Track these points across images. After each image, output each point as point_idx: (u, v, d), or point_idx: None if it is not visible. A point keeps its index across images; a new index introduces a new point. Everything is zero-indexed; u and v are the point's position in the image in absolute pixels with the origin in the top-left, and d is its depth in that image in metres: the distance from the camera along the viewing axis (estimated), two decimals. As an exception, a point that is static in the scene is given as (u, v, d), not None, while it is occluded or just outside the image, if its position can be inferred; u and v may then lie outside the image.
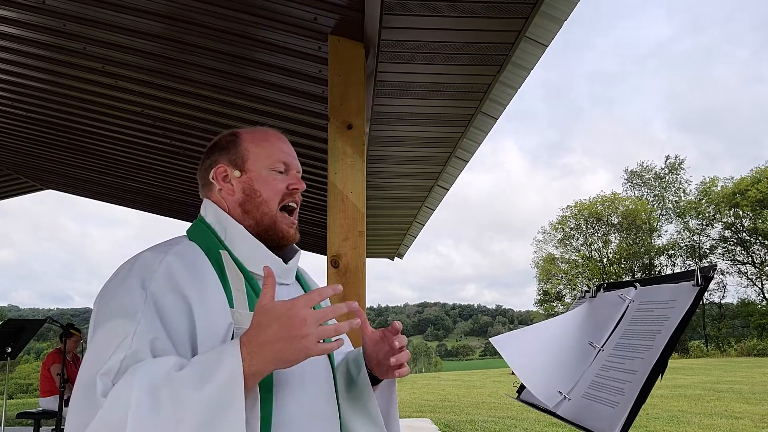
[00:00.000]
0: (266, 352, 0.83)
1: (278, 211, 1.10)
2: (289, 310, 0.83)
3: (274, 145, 1.15)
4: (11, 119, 4.88)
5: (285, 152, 1.15)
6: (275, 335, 0.82)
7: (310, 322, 0.83)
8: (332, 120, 2.45)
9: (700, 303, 1.07)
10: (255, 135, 1.16)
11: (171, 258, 0.98)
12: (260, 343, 0.83)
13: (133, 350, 0.86)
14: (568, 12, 2.44)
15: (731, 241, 39.26)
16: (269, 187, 1.10)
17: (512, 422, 8.75)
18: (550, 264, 44.32)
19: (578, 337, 1.35)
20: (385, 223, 6.25)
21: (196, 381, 0.81)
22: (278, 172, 1.13)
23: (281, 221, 1.10)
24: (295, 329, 0.82)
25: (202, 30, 2.83)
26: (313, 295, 0.86)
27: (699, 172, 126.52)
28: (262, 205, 1.10)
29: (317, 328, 0.83)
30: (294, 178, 1.14)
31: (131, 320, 0.89)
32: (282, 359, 0.83)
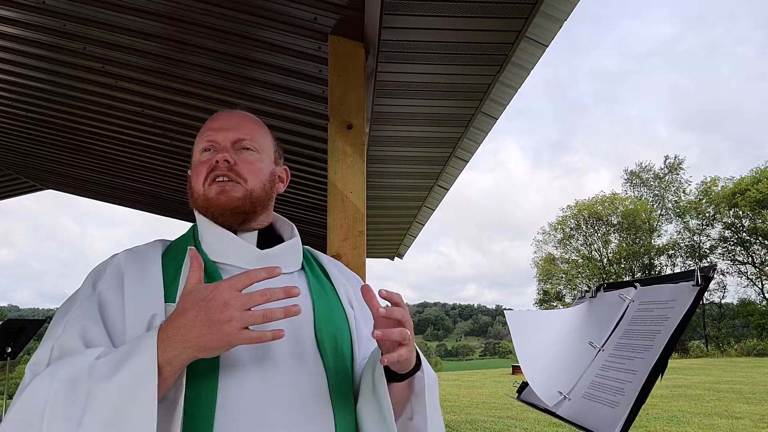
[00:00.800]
0: (183, 338, 0.76)
1: (206, 188, 1.03)
2: (211, 293, 0.77)
3: (205, 127, 1.10)
4: (11, 119, 4.88)
5: (211, 129, 1.07)
6: (193, 319, 0.76)
7: (233, 306, 0.76)
8: (332, 120, 2.45)
9: (700, 303, 1.07)
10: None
11: (121, 255, 1.00)
12: (177, 328, 0.77)
13: (61, 341, 0.85)
14: (568, 12, 2.44)
15: (731, 241, 39.28)
16: (195, 172, 1.06)
17: (512, 422, 8.75)
18: (550, 264, 44.33)
19: (579, 337, 1.35)
20: (385, 223, 6.25)
21: (109, 370, 0.77)
22: (205, 151, 1.06)
23: (210, 193, 1.02)
24: (214, 313, 0.76)
25: (202, 30, 2.83)
26: (240, 277, 0.79)
27: (703, 171, 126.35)
28: (193, 193, 1.05)
29: (242, 313, 0.76)
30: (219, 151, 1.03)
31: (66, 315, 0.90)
32: (202, 346, 0.76)
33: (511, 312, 1.38)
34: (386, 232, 6.65)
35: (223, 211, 1.02)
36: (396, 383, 0.97)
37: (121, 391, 0.75)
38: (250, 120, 1.12)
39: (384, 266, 17.17)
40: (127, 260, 0.98)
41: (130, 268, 0.96)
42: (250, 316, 0.77)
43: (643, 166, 45.67)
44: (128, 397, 0.75)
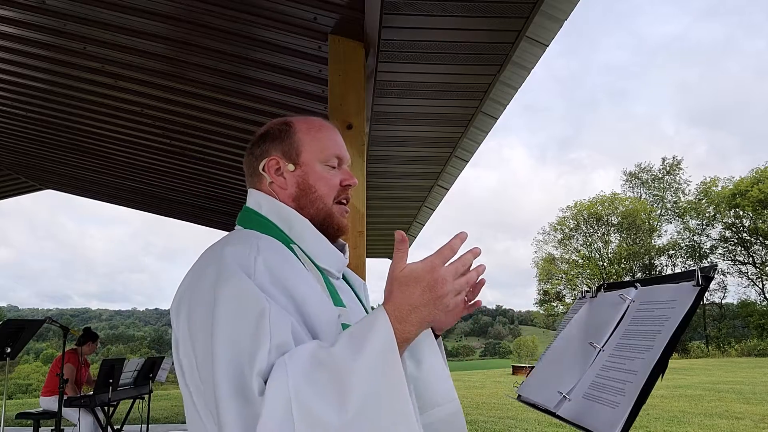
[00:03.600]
0: (416, 317, 0.82)
1: (333, 205, 1.09)
2: (430, 273, 0.82)
3: (329, 137, 1.11)
4: (11, 119, 4.88)
5: (339, 145, 1.13)
6: (421, 299, 0.81)
7: (449, 280, 0.82)
8: (332, 120, 2.45)
9: (701, 303, 1.07)
10: (310, 125, 1.11)
11: (265, 253, 0.92)
12: (409, 309, 0.82)
13: (276, 342, 0.82)
14: (568, 12, 2.44)
15: (731, 242, 39.28)
16: (324, 183, 1.07)
17: (512, 422, 8.75)
18: (550, 264, 44.34)
19: (579, 338, 1.34)
20: (385, 223, 6.25)
21: (350, 352, 0.78)
22: (331, 167, 1.10)
23: (336, 212, 1.09)
24: (438, 289, 0.81)
25: (203, 30, 2.83)
26: (445, 251, 0.84)
27: (711, 168, 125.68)
28: (318, 201, 1.07)
29: (453, 284, 0.83)
30: (347, 174, 1.12)
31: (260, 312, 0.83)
32: (428, 321, 0.83)
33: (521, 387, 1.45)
34: (386, 232, 6.65)
35: (341, 233, 1.11)
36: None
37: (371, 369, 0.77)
38: None
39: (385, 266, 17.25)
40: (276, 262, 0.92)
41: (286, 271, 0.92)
42: (461, 284, 0.84)
43: (642, 167, 45.72)
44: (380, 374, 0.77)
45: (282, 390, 0.75)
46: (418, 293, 0.82)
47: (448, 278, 0.82)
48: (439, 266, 0.83)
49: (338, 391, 0.75)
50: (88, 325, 6.78)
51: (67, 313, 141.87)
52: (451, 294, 0.83)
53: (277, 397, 0.75)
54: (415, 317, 0.82)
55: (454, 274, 0.83)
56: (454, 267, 0.84)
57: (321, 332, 0.90)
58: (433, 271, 0.82)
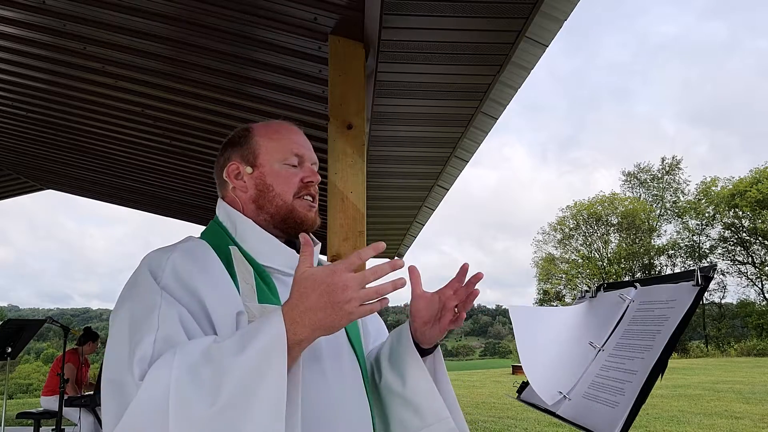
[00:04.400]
0: (309, 320, 0.81)
1: (294, 200, 1.09)
2: (330, 276, 0.82)
3: (286, 137, 1.13)
4: (11, 119, 4.88)
5: (298, 144, 1.13)
6: (317, 302, 0.81)
7: (352, 287, 0.81)
8: (332, 120, 2.45)
9: (700, 303, 1.07)
10: (267, 128, 1.15)
11: (176, 255, 0.99)
12: (302, 311, 0.82)
13: (162, 333, 0.86)
14: (568, 12, 2.44)
15: (731, 241, 39.28)
16: (282, 181, 1.09)
17: (512, 422, 8.76)
18: (549, 264, 44.34)
19: (578, 337, 1.35)
20: (385, 223, 6.25)
21: (236, 348, 0.80)
22: (291, 166, 1.10)
23: (298, 207, 1.09)
24: (337, 295, 0.81)
25: (203, 30, 2.83)
26: (352, 259, 0.84)
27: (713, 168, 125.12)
28: (276, 199, 1.08)
29: (359, 292, 0.82)
30: (308, 171, 1.11)
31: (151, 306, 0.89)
32: (325, 326, 0.82)
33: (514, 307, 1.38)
34: (386, 232, 6.66)
35: (306, 227, 1.09)
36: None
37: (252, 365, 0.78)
38: None
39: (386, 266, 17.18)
40: (185, 263, 0.97)
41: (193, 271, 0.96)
42: (366, 294, 0.82)
43: (641, 167, 45.72)
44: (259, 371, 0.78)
45: (163, 379, 0.78)
46: (314, 296, 0.81)
47: (350, 285, 0.81)
48: (340, 271, 0.82)
49: (215, 385, 0.77)
50: (88, 325, 6.79)
51: (68, 312, 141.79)
52: (355, 301, 0.81)
53: (157, 385, 0.78)
54: (309, 320, 0.81)
55: (360, 282, 0.82)
56: (362, 275, 0.83)
57: (219, 328, 0.92)
58: (333, 275, 0.82)
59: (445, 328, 1.07)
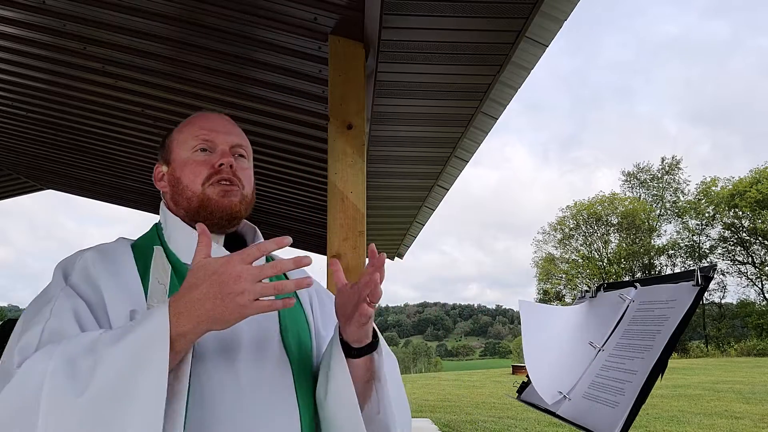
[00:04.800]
0: (195, 311, 0.77)
1: (206, 188, 1.02)
2: (222, 266, 0.78)
3: (196, 125, 1.08)
4: (11, 119, 4.88)
5: (206, 129, 1.06)
6: (206, 293, 0.77)
7: (245, 278, 0.77)
8: (332, 120, 2.45)
9: (700, 303, 1.07)
10: (182, 123, 1.12)
11: (89, 254, 0.99)
12: (189, 302, 0.78)
13: (52, 324, 0.85)
14: (568, 12, 2.44)
15: (731, 241, 39.29)
16: (189, 170, 1.04)
17: (512, 422, 8.76)
18: (550, 264, 44.35)
19: (579, 337, 1.35)
20: (385, 223, 6.25)
21: (115, 338, 0.78)
22: (200, 151, 1.05)
23: (210, 194, 1.02)
24: (228, 286, 0.76)
25: (203, 30, 2.83)
26: (251, 250, 0.79)
27: (714, 167, 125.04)
28: (185, 191, 1.03)
29: (254, 285, 0.77)
30: (220, 153, 1.04)
31: (50, 300, 0.90)
32: (215, 318, 0.77)
33: (524, 302, 1.38)
34: (386, 232, 6.65)
35: (223, 214, 1.02)
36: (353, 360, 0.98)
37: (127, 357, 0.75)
38: (238, 127, 1.14)
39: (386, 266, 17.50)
40: (95, 260, 0.97)
41: (101, 268, 0.96)
42: (263, 288, 0.78)
43: (641, 167, 45.73)
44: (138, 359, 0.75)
45: (39, 367, 0.76)
46: (204, 286, 0.78)
47: (244, 276, 0.77)
48: (235, 262, 0.78)
49: (88, 375, 0.75)
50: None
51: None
52: (248, 294, 0.77)
53: (32, 373, 0.76)
54: (195, 311, 0.77)
55: (255, 274, 0.78)
56: (258, 267, 0.79)
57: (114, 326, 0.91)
58: (226, 264, 0.78)
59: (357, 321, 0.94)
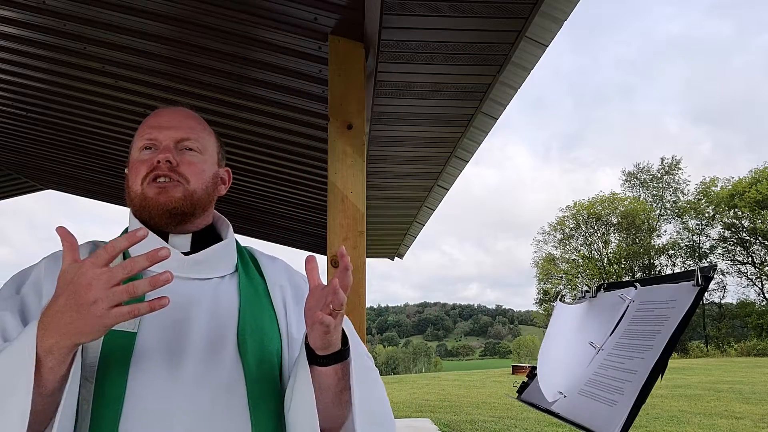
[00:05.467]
0: (57, 325, 0.73)
1: (144, 186, 0.99)
2: (75, 274, 0.73)
3: (145, 123, 1.05)
4: (11, 119, 4.88)
5: (151, 126, 1.03)
6: (63, 305, 0.72)
7: (96, 286, 0.71)
8: (332, 120, 2.45)
9: (700, 303, 1.07)
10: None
11: (43, 263, 0.99)
12: (51, 315, 0.74)
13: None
14: (568, 12, 2.44)
15: (731, 241, 39.29)
16: (133, 170, 1.02)
17: (512, 422, 8.76)
18: (549, 264, 44.35)
19: (579, 338, 1.35)
20: (385, 223, 6.25)
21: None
22: (145, 149, 1.02)
23: (147, 192, 0.98)
24: (80, 296, 0.71)
25: (202, 30, 2.83)
26: (99, 252, 0.73)
27: (716, 167, 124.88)
28: (130, 192, 1.01)
29: (106, 292, 0.71)
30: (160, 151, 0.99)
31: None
32: (76, 332, 0.72)
33: (559, 304, 1.39)
34: (386, 232, 6.65)
35: (161, 212, 0.98)
36: (320, 368, 0.90)
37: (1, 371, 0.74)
38: (193, 118, 1.09)
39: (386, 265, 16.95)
40: (47, 266, 0.97)
41: (50, 275, 0.95)
42: (115, 294, 0.72)
43: (641, 167, 45.74)
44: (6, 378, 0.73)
45: None
46: (63, 297, 0.73)
47: (95, 284, 0.71)
48: (86, 268, 0.72)
49: None
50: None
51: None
52: (102, 303, 0.71)
53: None
54: (57, 324, 0.73)
55: (106, 280, 0.72)
56: (109, 271, 0.72)
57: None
58: (77, 272, 0.73)
59: (317, 329, 0.85)
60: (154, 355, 0.89)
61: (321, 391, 0.90)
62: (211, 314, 0.96)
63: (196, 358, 0.91)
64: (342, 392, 0.92)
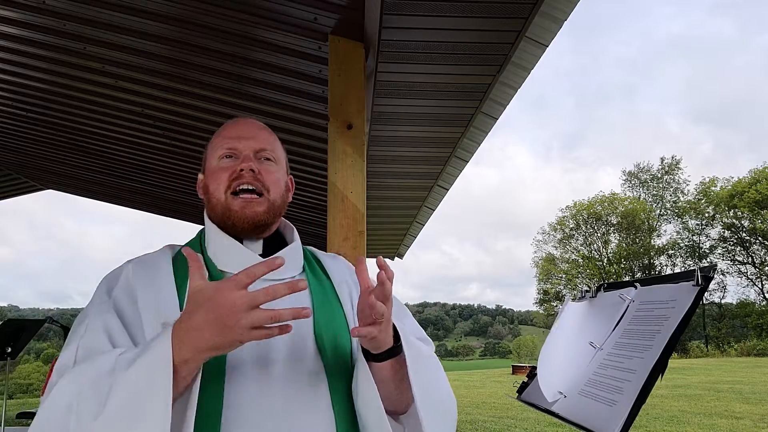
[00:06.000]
0: (193, 340, 0.77)
1: (228, 196, 1.04)
2: (215, 294, 0.77)
3: (222, 133, 1.11)
4: (11, 119, 4.88)
5: (230, 136, 1.08)
6: (202, 322, 0.76)
7: (239, 308, 0.75)
8: (332, 120, 2.45)
9: (700, 303, 1.07)
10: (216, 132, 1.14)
11: (129, 267, 1.02)
12: (187, 330, 0.78)
13: (84, 342, 0.88)
14: (568, 12, 2.44)
15: (731, 241, 39.27)
16: (214, 178, 1.06)
17: (512, 422, 8.76)
18: (550, 264, 44.34)
19: (579, 338, 1.35)
20: (385, 223, 6.25)
21: (128, 362, 0.80)
22: (226, 158, 1.07)
23: (231, 204, 1.03)
24: (222, 315, 0.75)
25: (203, 30, 2.83)
26: (240, 276, 0.77)
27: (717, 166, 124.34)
28: (212, 199, 1.06)
29: (249, 314, 0.76)
30: (241, 159, 1.05)
31: (86, 316, 0.93)
32: (214, 346, 0.77)
33: (569, 303, 1.39)
34: (386, 232, 6.65)
35: (246, 224, 1.04)
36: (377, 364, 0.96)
37: (136, 383, 0.77)
38: (266, 130, 1.15)
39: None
40: (135, 272, 1.00)
41: (140, 280, 0.99)
42: (259, 317, 0.76)
43: (641, 166, 45.74)
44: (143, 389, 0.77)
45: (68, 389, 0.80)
46: (201, 314, 0.77)
47: (238, 305, 0.75)
48: (228, 290, 0.76)
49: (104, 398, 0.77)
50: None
51: (68, 312, 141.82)
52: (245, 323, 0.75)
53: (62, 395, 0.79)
54: (194, 339, 0.77)
55: (248, 302, 0.76)
56: (252, 295, 0.76)
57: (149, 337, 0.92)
58: (218, 293, 0.76)
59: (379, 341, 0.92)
60: (245, 359, 0.94)
61: (382, 383, 0.95)
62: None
63: (281, 358, 0.97)
64: (401, 381, 0.98)
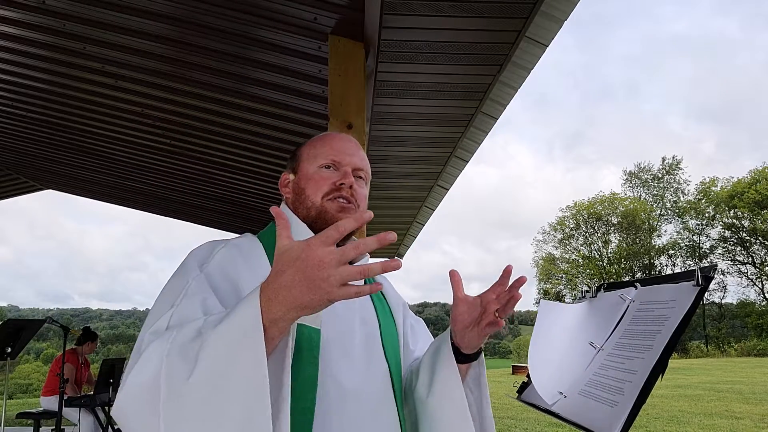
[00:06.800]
0: (283, 298, 0.77)
1: (325, 201, 1.10)
2: (303, 252, 0.76)
3: (326, 144, 1.17)
4: (11, 119, 4.88)
5: (335, 150, 1.15)
6: (291, 279, 0.76)
7: (328, 263, 0.75)
8: (332, 120, 2.45)
9: (701, 303, 1.07)
10: (314, 138, 1.21)
11: (225, 249, 1.06)
12: (276, 288, 0.77)
13: (180, 310, 0.89)
14: (568, 12, 2.44)
15: (731, 241, 39.28)
16: (313, 183, 1.12)
17: (512, 422, 8.76)
18: (550, 264, 44.35)
19: (579, 338, 1.35)
20: (385, 223, 6.25)
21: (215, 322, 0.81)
22: (326, 168, 1.14)
23: (329, 208, 1.10)
24: (311, 272, 0.75)
25: (203, 30, 2.83)
26: (329, 231, 0.76)
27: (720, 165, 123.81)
28: (306, 201, 1.12)
29: (338, 270, 0.75)
30: (343, 174, 1.12)
31: (183, 285, 0.96)
32: (302, 305, 0.77)
33: (544, 302, 1.40)
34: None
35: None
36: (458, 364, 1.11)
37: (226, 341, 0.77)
38: (362, 150, 1.22)
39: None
40: (234, 258, 1.05)
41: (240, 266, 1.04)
42: (349, 273, 0.75)
43: (641, 166, 45.75)
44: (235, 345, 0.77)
45: (159, 350, 0.81)
46: (290, 272, 0.77)
47: (326, 260, 0.75)
48: (315, 246, 0.76)
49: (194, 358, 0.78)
50: (87, 325, 6.79)
51: (68, 312, 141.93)
52: (335, 280, 0.75)
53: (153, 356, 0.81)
54: (284, 298, 0.77)
55: (338, 258, 0.75)
56: (340, 250, 0.76)
57: None
58: (307, 249, 0.76)
59: (483, 333, 1.06)
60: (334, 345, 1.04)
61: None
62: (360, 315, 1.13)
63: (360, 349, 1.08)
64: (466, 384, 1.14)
